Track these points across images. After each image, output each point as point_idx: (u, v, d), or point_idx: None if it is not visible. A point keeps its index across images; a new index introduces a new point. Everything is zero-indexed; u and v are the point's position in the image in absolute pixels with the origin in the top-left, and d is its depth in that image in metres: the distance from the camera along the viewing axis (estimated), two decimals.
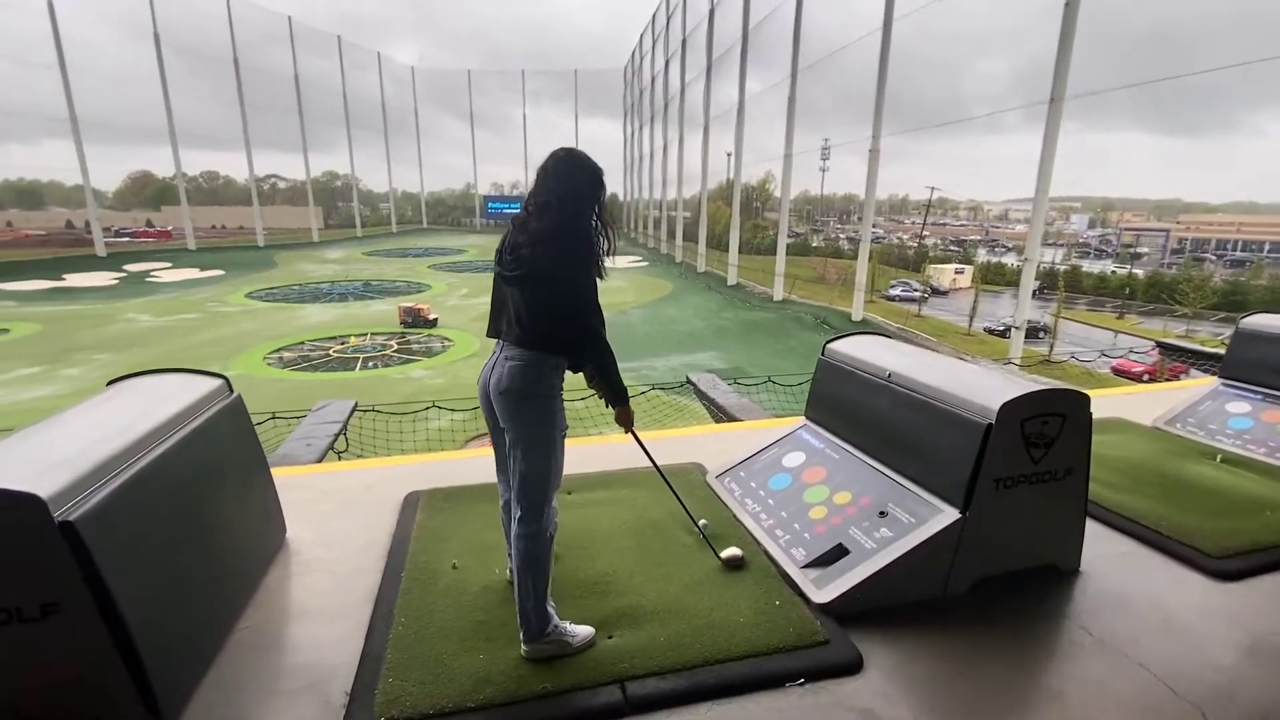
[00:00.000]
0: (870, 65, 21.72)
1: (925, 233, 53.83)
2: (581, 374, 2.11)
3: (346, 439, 4.64)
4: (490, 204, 67.71)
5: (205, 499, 2.14)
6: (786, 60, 26.93)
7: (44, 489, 1.53)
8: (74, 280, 32.62)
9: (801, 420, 3.37)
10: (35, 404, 15.23)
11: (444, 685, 1.88)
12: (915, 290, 32.16)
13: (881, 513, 2.49)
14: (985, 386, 2.40)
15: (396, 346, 21.45)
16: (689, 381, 5.72)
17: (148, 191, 58.32)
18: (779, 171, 29.28)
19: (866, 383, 2.91)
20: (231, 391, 2.56)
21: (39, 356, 19.71)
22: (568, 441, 2.06)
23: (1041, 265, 39.33)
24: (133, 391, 2.32)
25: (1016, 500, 2.34)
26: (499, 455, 2.19)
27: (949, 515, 2.31)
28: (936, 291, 36.22)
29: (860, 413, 2.96)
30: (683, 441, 3.89)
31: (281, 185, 60.50)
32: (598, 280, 1.99)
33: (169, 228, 47.34)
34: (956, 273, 39.65)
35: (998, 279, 39.68)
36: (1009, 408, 2.23)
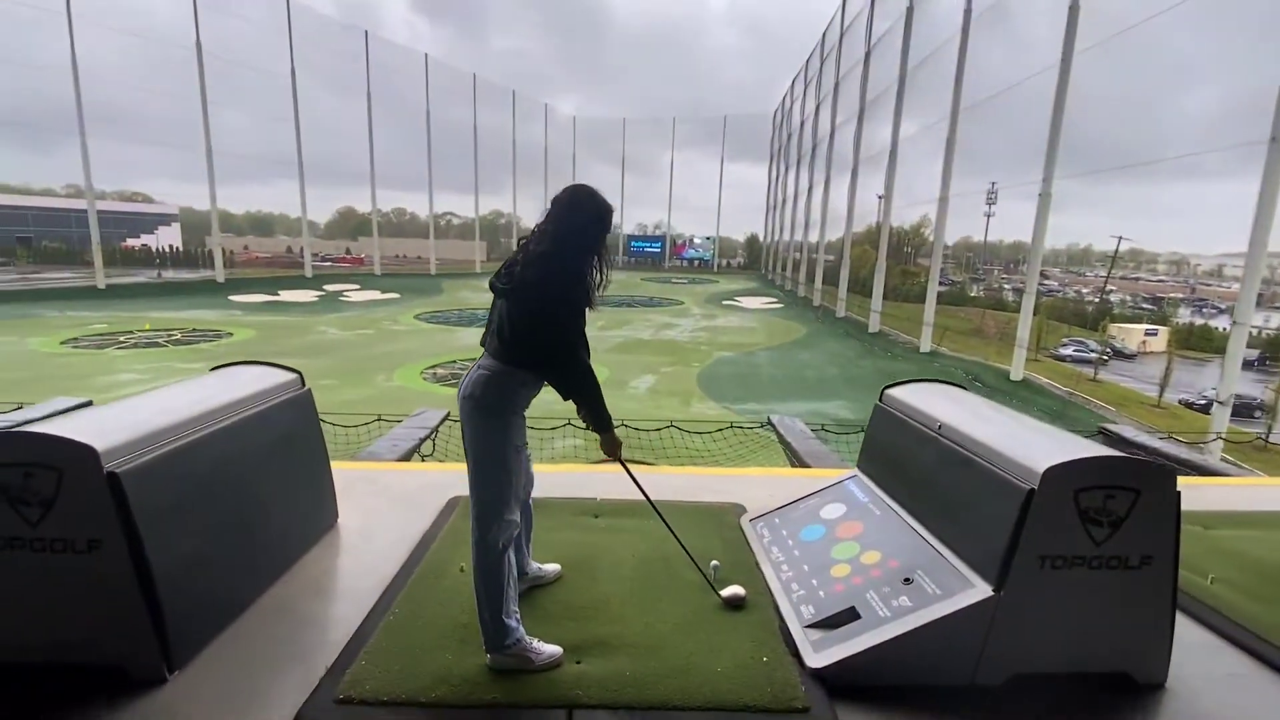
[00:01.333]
0: (1044, 102, 19.96)
1: (1111, 287, 47.38)
2: (572, 403, 2.14)
3: (434, 444, 5.02)
4: (633, 242, 70.52)
5: (251, 477, 2.43)
6: (946, 101, 25.56)
7: (100, 443, 1.84)
8: (286, 296, 38.64)
9: (852, 470, 3.11)
10: None
11: (407, 677, 1.95)
12: (1091, 351, 28.29)
13: (906, 579, 2.21)
14: (1037, 446, 2.07)
15: None
16: (769, 423, 5.50)
17: (350, 224, 68.45)
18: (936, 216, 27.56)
19: (918, 434, 2.63)
20: (303, 385, 2.90)
21: (251, 357, 23.52)
22: (607, 467, 2.11)
23: (1265, 332, 32.92)
24: (220, 376, 2.72)
25: (1070, 586, 1.97)
26: None
27: (979, 592, 2.00)
28: (1120, 354, 31.61)
29: (907, 466, 2.67)
30: (733, 481, 3.73)
31: (455, 222, 67.82)
32: (586, 309, 2.04)
33: (362, 255, 55.02)
34: (1148, 334, 34.32)
35: (1204, 345, 33.74)
36: (1057, 473, 1.90)
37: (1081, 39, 19.30)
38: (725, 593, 2.43)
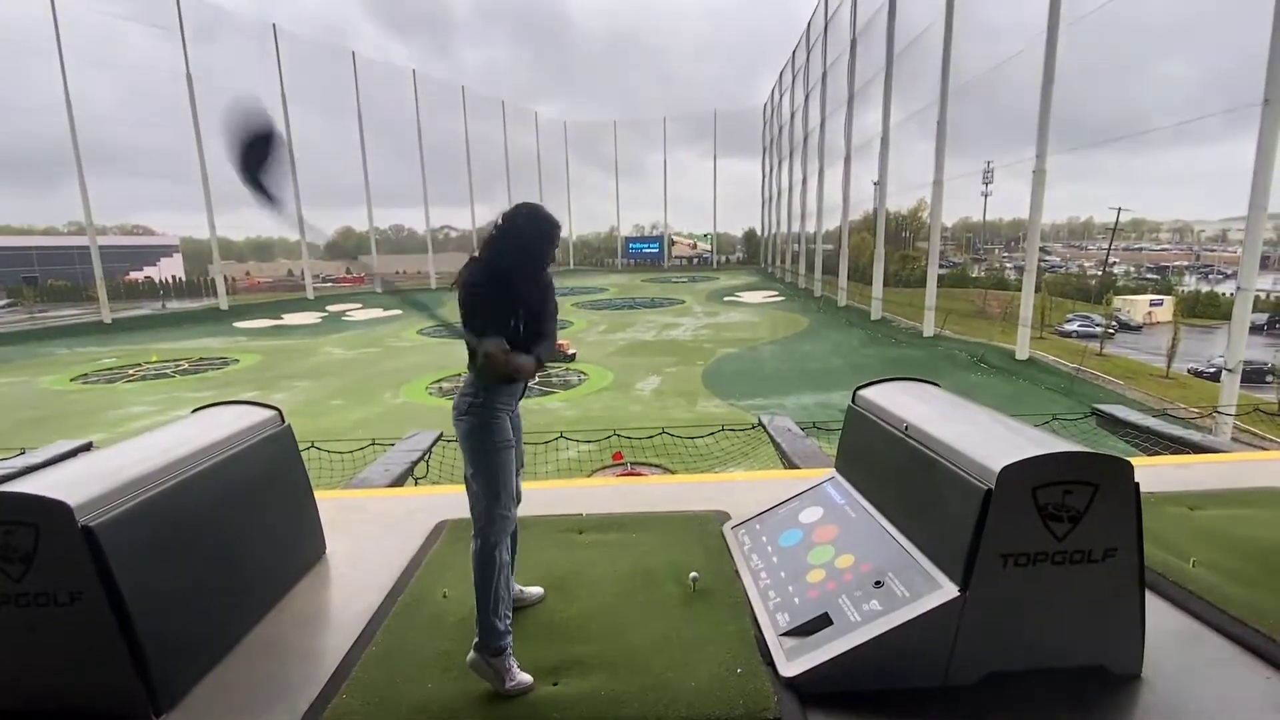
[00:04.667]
0: (1033, 80, 19.87)
1: (1114, 259, 46.94)
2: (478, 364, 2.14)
3: (428, 465, 5.07)
4: (631, 244, 70.54)
5: (232, 517, 2.47)
6: (934, 84, 25.48)
7: (74, 499, 1.89)
8: (289, 319, 38.90)
9: (830, 472, 3.13)
10: None
11: (387, 708, 1.99)
12: (1096, 325, 28.08)
13: (877, 583, 2.24)
14: (996, 445, 2.09)
15: (538, 380, 22.87)
16: (760, 424, 5.51)
17: (349, 244, 68.89)
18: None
19: (887, 435, 2.65)
20: (283, 422, 2.95)
21: (258, 383, 23.68)
22: (594, 480, 2.19)
23: (1274, 295, 32.59)
24: (199, 419, 2.77)
25: (1035, 582, 1.98)
26: None
27: (946, 593, 2.02)
28: (1126, 326, 31.35)
29: (879, 468, 2.70)
30: (719, 487, 3.76)
31: (453, 235, 68.01)
32: (518, 325, 2.15)
33: (363, 274, 55.38)
34: (1153, 304, 34.04)
35: (1211, 312, 33.40)
36: (1013, 472, 1.92)
37: (1067, 10, 19.19)
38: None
